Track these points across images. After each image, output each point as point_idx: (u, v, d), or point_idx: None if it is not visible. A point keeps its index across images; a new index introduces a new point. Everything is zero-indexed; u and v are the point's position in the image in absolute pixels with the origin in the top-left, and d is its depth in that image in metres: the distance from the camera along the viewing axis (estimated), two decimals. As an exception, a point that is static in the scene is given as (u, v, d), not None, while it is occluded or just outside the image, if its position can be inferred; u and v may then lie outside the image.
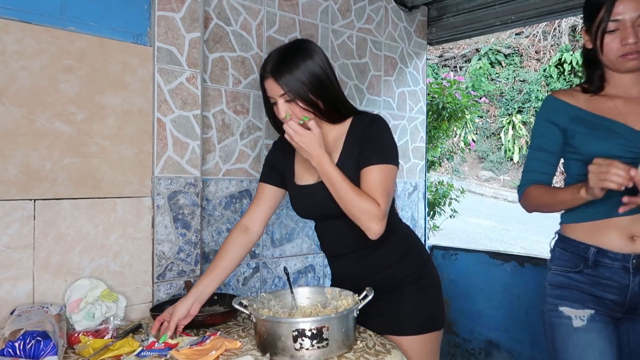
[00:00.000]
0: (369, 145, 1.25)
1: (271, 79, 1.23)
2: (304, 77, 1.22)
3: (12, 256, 1.32)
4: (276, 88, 1.23)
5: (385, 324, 1.34)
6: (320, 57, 1.27)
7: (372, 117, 1.31)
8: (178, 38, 1.62)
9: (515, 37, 11.91)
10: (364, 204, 1.19)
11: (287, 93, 1.22)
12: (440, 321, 1.38)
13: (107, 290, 1.42)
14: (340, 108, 1.31)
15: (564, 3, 2.30)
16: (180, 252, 1.64)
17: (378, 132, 1.27)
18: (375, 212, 1.18)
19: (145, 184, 1.57)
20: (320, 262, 2.27)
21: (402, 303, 1.34)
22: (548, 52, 11.45)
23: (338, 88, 1.31)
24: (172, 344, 1.20)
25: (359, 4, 2.37)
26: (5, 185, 1.31)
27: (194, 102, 1.66)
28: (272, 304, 1.30)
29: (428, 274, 1.39)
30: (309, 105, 1.24)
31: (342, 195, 1.20)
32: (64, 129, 1.40)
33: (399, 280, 1.35)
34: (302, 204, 1.38)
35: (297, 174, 1.39)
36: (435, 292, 1.40)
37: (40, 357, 1.00)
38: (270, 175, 1.44)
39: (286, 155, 1.42)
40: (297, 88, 1.22)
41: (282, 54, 1.25)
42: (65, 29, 1.41)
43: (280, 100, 1.23)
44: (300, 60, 1.23)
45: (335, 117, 1.31)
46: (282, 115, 1.24)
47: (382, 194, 1.21)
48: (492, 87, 11.24)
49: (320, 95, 1.25)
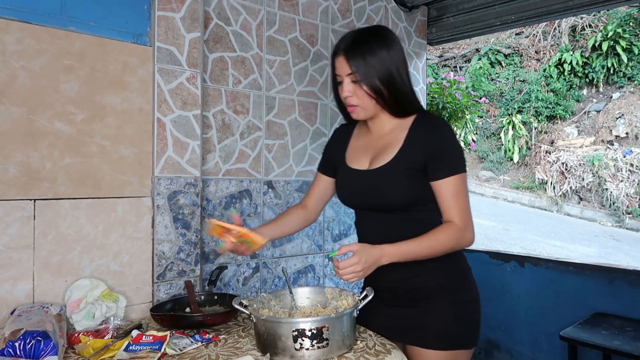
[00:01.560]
0: (437, 157, 1.23)
1: (342, 56, 1.23)
2: (375, 60, 1.21)
3: (12, 256, 1.32)
4: (345, 66, 1.23)
5: (410, 332, 1.30)
6: (395, 50, 1.25)
7: (437, 121, 1.28)
8: (178, 38, 1.62)
9: (515, 37, 11.91)
10: (446, 239, 1.22)
11: (354, 73, 1.22)
12: (471, 340, 1.31)
13: (107, 290, 1.42)
14: (404, 103, 1.28)
15: (563, 3, 2.31)
16: (180, 252, 1.64)
17: (444, 140, 1.25)
18: (457, 234, 1.22)
19: (145, 184, 1.57)
20: (320, 262, 2.27)
21: (432, 314, 1.29)
22: (548, 52, 11.45)
23: (407, 84, 1.28)
24: (161, 337, 1.19)
25: (359, 4, 2.37)
26: (5, 185, 1.31)
27: (194, 102, 1.66)
28: (272, 304, 1.30)
29: (465, 288, 1.33)
30: (373, 92, 1.23)
31: (429, 253, 1.22)
32: (64, 129, 1.40)
33: (433, 288, 1.29)
34: (347, 188, 1.37)
35: (349, 156, 1.39)
36: (471, 308, 1.33)
37: (41, 357, 1.00)
38: (326, 166, 1.48)
39: (342, 140, 1.44)
40: (366, 71, 1.21)
41: (359, 35, 1.25)
42: (66, 29, 1.40)
43: (346, 79, 1.24)
44: (375, 45, 1.22)
45: (397, 111, 1.29)
46: (344, 94, 1.26)
47: (460, 207, 1.23)
48: (492, 87, 11.23)
49: (388, 84, 1.24)
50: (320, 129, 2.25)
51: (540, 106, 10.69)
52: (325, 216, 2.29)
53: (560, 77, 10.83)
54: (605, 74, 10.29)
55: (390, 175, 1.26)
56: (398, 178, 1.25)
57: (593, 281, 2.42)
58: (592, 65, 10.41)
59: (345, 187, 1.38)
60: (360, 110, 1.29)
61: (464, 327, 1.30)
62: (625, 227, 8.68)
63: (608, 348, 1.96)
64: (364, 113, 1.29)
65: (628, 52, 9.85)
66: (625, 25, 9.89)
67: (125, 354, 1.13)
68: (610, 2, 2.22)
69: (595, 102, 10.52)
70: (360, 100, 1.26)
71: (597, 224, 8.91)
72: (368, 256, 1.17)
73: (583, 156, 9.64)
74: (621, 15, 10.01)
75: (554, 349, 2.53)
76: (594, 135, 10.15)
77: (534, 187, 10.14)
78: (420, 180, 1.26)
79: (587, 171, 9.45)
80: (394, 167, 1.26)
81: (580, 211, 9.38)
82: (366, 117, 1.31)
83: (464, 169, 1.26)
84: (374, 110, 1.28)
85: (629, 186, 8.92)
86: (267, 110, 2.04)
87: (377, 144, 1.33)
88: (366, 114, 1.30)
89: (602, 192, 9.20)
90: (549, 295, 2.57)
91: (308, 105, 2.19)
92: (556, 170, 9.87)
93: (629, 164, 9.09)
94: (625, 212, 8.81)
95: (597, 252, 7.02)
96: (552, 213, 9.56)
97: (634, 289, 2.28)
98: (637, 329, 2.12)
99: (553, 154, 10.22)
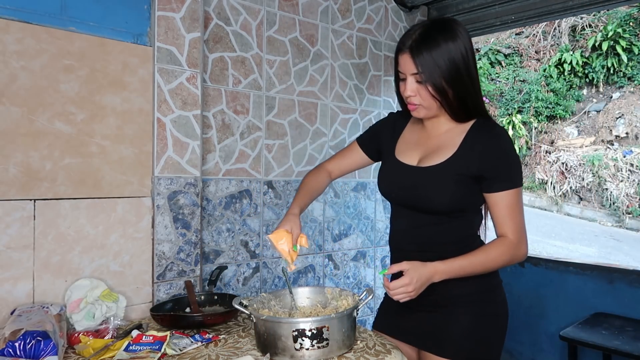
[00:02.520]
0: (495, 169, 1.19)
1: (407, 54, 1.18)
2: (442, 60, 1.15)
3: (13, 256, 1.32)
4: (410, 65, 1.18)
5: (427, 339, 1.27)
6: (463, 42, 1.18)
7: (496, 131, 1.22)
8: (178, 38, 1.62)
9: (515, 37, 11.91)
10: (499, 255, 1.20)
11: (420, 74, 1.17)
12: (492, 355, 1.26)
13: (107, 290, 1.42)
14: (469, 104, 1.22)
15: (563, 3, 2.30)
16: (180, 252, 1.64)
17: (503, 151, 1.20)
18: (511, 250, 1.20)
19: (145, 184, 1.57)
20: (320, 262, 2.27)
21: (453, 323, 1.24)
22: (548, 52, 11.45)
23: (474, 80, 1.22)
24: (161, 337, 1.20)
25: (359, 4, 2.37)
26: (5, 185, 1.31)
27: (194, 102, 1.66)
28: (272, 304, 1.30)
29: (491, 301, 1.27)
30: (438, 93, 1.18)
31: (483, 269, 1.21)
32: (64, 129, 1.40)
33: (456, 296, 1.25)
34: (391, 181, 1.32)
35: (399, 149, 1.35)
36: (495, 321, 1.27)
37: (41, 357, 1.00)
38: (368, 143, 1.46)
39: (396, 128, 1.40)
40: (432, 71, 1.15)
41: (426, 31, 1.17)
42: (66, 29, 1.40)
43: (410, 78, 1.19)
44: (442, 40, 1.15)
45: (459, 114, 1.23)
46: (406, 94, 1.22)
47: (515, 221, 1.20)
48: (492, 87, 11.22)
49: (454, 84, 1.18)
50: (320, 129, 2.25)
51: (540, 106, 10.69)
52: (325, 216, 2.29)
53: (560, 77, 10.82)
54: (605, 74, 10.28)
55: (438, 177, 1.22)
56: (446, 182, 1.21)
57: (593, 281, 2.42)
58: (592, 65, 10.40)
59: (389, 180, 1.33)
60: (422, 110, 1.24)
61: (483, 341, 1.25)
62: (625, 227, 8.68)
63: (608, 348, 1.96)
64: (425, 112, 1.24)
65: (628, 52, 9.85)
66: (625, 25, 9.89)
67: (125, 354, 1.13)
68: (610, 2, 2.21)
69: (595, 102, 10.52)
70: (424, 101, 1.21)
71: (597, 224, 8.90)
72: (420, 276, 1.15)
73: (583, 156, 9.64)
74: (621, 15, 10.01)
75: (554, 349, 2.53)
76: (594, 135, 10.15)
77: (534, 187, 10.14)
78: (467, 189, 1.21)
79: (587, 171, 9.44)
80: (444, 170, 1.21)
81: (580, 211, 9.38)
82: (427, 116, 1.26)
83: (520, 182, 1.22)
84: (436, 111, 1.24)
85: (629, 186, 8.92)
86: (267, 110, 2.04)
87: (431, 143, 1.29)
88: (427, 114, 1.25)
89: (602, 192, 9.20)
90: (549, 295, 2.57)
91: (308, 105, 2.19)
92: (556, 170, 9.86)
93: (629, 164, 9.08)
94: (625, 212, 8.80)
95: (597, 252, 7.02)
96: (552, 213, 9.56)
97: (634, 289, 2.28)
98: (637, 329, 2.12)
99: (553, 154, 10.22)
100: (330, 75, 2.27)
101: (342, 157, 1.48)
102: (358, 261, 2.44)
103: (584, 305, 2.42)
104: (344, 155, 1.48)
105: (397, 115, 1.45)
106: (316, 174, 1.46)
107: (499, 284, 1.31)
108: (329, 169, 1.48)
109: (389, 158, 1.36)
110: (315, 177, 1.45)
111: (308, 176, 1.46)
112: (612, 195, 9.00)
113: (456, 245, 1.22)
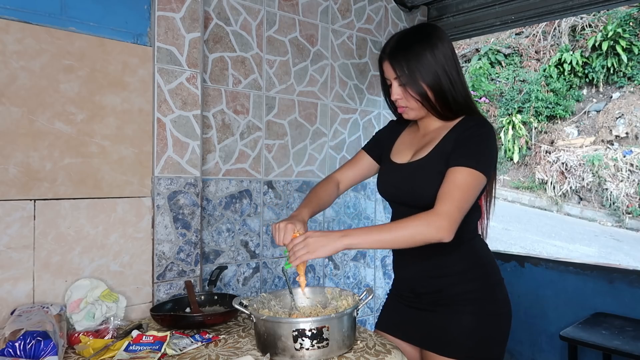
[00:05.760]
0: (464, 146, 1.19)
1: (387, 61, 1.26)
2: (418, 64, 1.21)
3: (13, 256, 1.32)
4: (390, 71, 1.25)
5: (429, 338, 1.28)
6: (441, 48, 1.22)
7: (479, 121, 1.24)
8: (178, 38, 1.62)
9: (515, 37, 11.90)
10: (416, 227, 1.10)
11: (399, 77, 1.24)
12: (493, 354, 1.25)
13: (107, 290, 1.42)
14: (451, 104, 1.25)
15: (563, 3, 2.30)
16: (180, 252, 1.64)
17: (478, 135, 1.20)
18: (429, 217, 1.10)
19: (145, 184, 1.57)
20: (320, 262, 2.27)
21: (455, 322, 1.24)
22: (548, 52, 11.44)
23: (455, 82, 1.24)
24: (161, 337, 1.20)
25: (359, 4, 2.37)
26: (5, 185, 1.31)
27: (194, 102, 1.66)
28: (272, 304, 1.30)
29: (492, 299, 1.26)
30: (419, 95, 1.23)
31: (395, 239, 1.12)
32: (64, 129, 1.40)
33: (457, 295, 1.25)
34: (385, 180, 1.37)
35: (394, 151, 1.40)
36: (497, 320, 1.26)
37: (41, 357, 1.00)
38: (374, 148, 1.48)
39: (393, 134, 1.45)
40: (410, 75, 1.21)
41: (402, 37, 1.25)
42: (66, 29, 1.40)
43: (394, 82, 1.26)
44: (419, 47, 1.21)
45: (443, 114, 1.27)
46: (393, 97, 1.28)
47: (453, 198, 1.11)
48: (492, 87, 11.22)
49: (433, 86, 1.22)
50: (320, 129, 2.25)
51: (540, 106, 10.68)
52: (325, 216, 2.29)
53: (560, 77, 10.82)
54: (605, 74, 10.28)
55: (423, 170, 1.25)
56: (430, 174, 1.22)
57: (593, 281, 2.42)
58: (592, 65, 10.40)
59: (384, 180, 1.38)
60: (410, 111, 1.30)
61: (485, 340, 1.24)
62: (625, 227, 8.67)
63: (608, 348, 1.96)
64: (413, 114, 1.30)
65: (628, 52, 9.84)
66: (625, 25, 9.88)
67: (125, 354, 1.13)
68: (610, 2, 2.21)
69: (595, 102, 10.51)
70: (409, 102, 1.27)
71: (597, 224, 8.90)
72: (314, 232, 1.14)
73: (583, 156, 9.63)
74: (621, 15, 10.00)
75: (554, 349, 2.53)
76: (594, 135, 10.14)
77: (534, 187, 10.14)
78: None
79: (587, 171, 9.44)
80: (428, 163, 1.25)
81: (580, 211, 9.37)
82: (416, 117, 1.32)
83: (483, 170, 1.15)
84: (423, 111, 1.28)
85: (628, 186, 8.91)
86: (267, 110, 2.04)
87: (422, 141, 1.33)
88: (416, 115, 1.31)
89: (602, 192, 9.20)
90: (549, 295, 2.57)
91: (308, 105, 2.19)
92: (556, 170, 9.86)
93: (629, 164, 9.08)
94: (625, 212, 8.80)
95: (597, 252, 7.02)
96: (552, 213, 9.55)
97: (634, 289, 2.28)
98: (637, 329, 2.12)
99: (553, 153, 10.21)
100: (330, 75, 2.27)
101: (350, 166, 1.49)
102: (358, 261, 2.44)
103: (584, 305, 2.42)
104: (352, 164, 1.49)
105: (395, 122, 1.50)
106: (325, 185, 1.44)
107: (501, 282, 1.31)
108: (338, 179, 1.47)
109: (385, 160, 1.41)
110: (324, 188, 1.42)
111: (317, 186, 1.44)
112: (612, 195, 9.00)
113: (454, 241, 1.20)
